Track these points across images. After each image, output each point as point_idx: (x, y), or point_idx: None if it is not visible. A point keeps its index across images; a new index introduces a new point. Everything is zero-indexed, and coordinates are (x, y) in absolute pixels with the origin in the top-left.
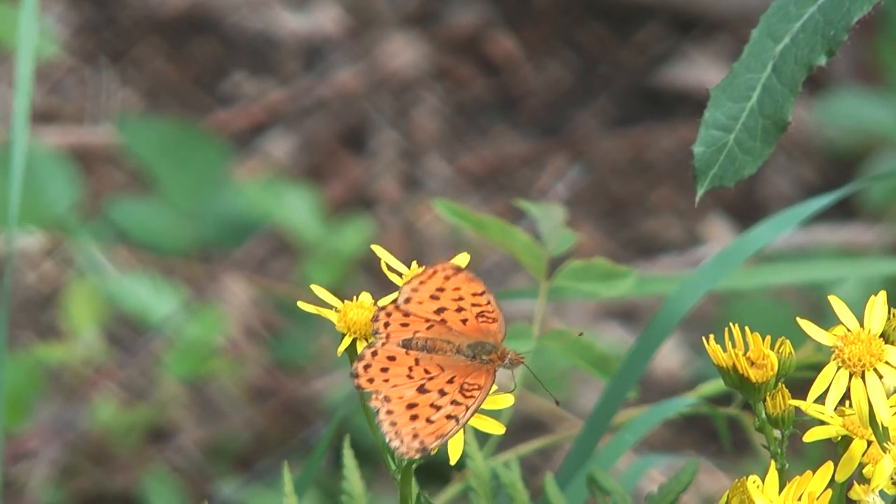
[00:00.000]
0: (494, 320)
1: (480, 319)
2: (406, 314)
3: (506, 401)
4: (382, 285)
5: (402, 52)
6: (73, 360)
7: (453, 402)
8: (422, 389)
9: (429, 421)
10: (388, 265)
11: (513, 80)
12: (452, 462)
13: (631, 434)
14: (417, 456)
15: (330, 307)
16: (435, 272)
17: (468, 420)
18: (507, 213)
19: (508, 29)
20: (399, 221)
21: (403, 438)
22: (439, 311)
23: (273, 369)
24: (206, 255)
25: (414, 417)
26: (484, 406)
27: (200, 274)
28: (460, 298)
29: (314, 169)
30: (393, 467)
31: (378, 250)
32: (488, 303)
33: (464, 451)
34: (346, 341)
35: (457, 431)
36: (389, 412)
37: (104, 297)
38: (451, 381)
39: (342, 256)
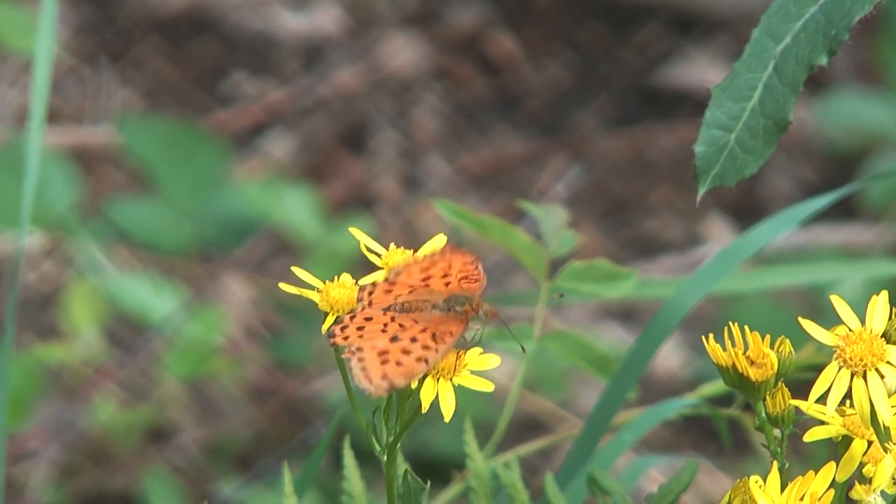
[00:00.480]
0: (476, 280)
1: (463, 282)
2: (392, 284)
3: (492, 361)
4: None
5: (402, 52)
6: (73, 360)
7: (424, 347)
8: (394, 339)
9: (398, 364)
10: (367, 247)
11: (513, 80)
12: (447, 419)
13: (630, 434)
14: (385, 394)
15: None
16: (433, 255)
17: (437, 360)
18: (507, 213)
19: (508, 29)
20: (399, 221)
21: (373, 379)
22: (426, 279)
23: (273, 369)
24: (206, 255)
25: (384, 362)
26: (472, 366)
27: (200, 274)
28: (449, 268)
29: (314, 169)
30: (378, 448)
31: (356, 233)
32: (476, 269)
33: (464, 451)
34: (330, 320)
35: (425, 370)
36: (361, 359)
37: (104, 297)
38: (423, 331)
39: (342, 256)
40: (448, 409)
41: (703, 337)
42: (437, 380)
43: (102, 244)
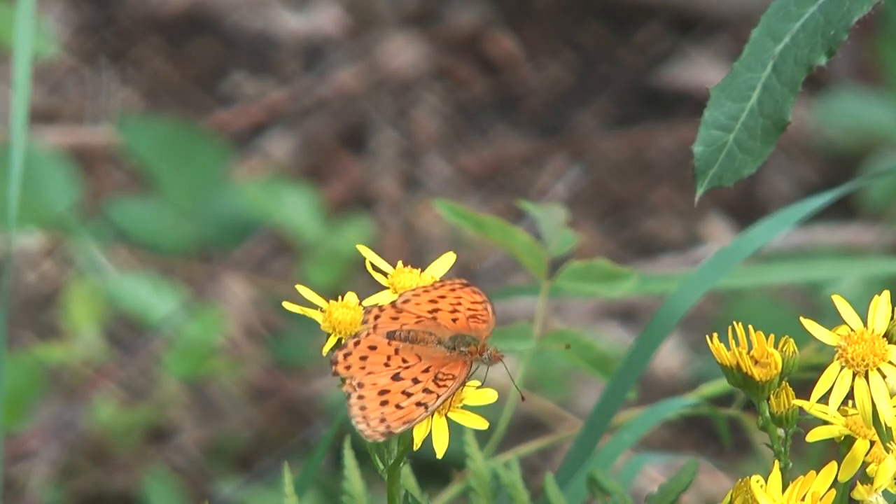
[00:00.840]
0: (485, 321)
1: (471, 320)
2: (399, 311)
3: (489, 396)
4: (382, 285)
5: (402, 52)
6: (73, 360)
7: (425, 391)
8: (396, 377)
9: (398, 407)
10: (372, 265)
11: (513, 80)
12: (439, 456)
13: (630, 434)
14: (381, 439)
15: (315, 307)
16: (443, 286)
17: (437, 408)
18: (507, 213)
19: (508, 29)
20: (399, 221)
21: (370, 423)
22: (433, 311)
23: (273, 369)
24: (206, 255)
25: (384, 403)
26: (469, 402)
27: (200, 274)
28: (458, 303)
29: (314, 169)
30: (381, 466)
31: (363, 250)
32: (485, 309)
33: (464, 452)
34: (332, 341)
35: (424, 418)
36: (361, 397)
37: (104, 297)
38: (426, 371)
39: (342, 256)
40: (441, 447)
41: (707, 336)
42: (431, 415)
43: (102, 244)
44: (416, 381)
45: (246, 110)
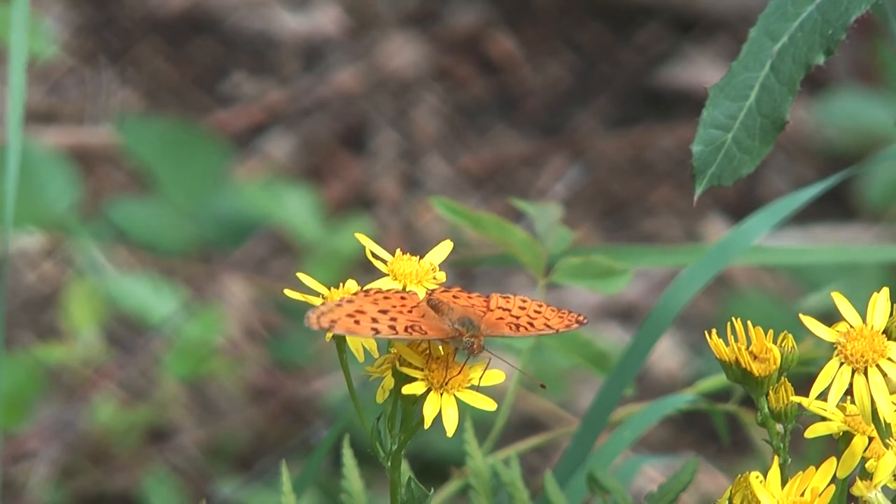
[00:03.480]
0: (519, 330)
1: (510, 325)
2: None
3: (497, 377)
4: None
5: (402, 52)
6: (73, 360)
7: (391, 326)
8: (383, 311)
9: (356, 323)
10: (372, 252)
11: (513, 80)
12: (449, 434)
13: (630, 431)
14: (315, 329)
15: (317, 294)
16: (561, 312)
17: (384, 335)
18: (507, 213)
19: (508, 29)
20: (399, 221)
21: (321, 319)
22: (504, 310)
23: (273, 369)
24: (206, 255)
25: (349, 315)
26: (475, 382)
27: (200, 274)
28: (534, 316)
29: (314, 169)
30: (382, 454)
31: (361, 238)
32: (545, 326)
33: (463, 450)
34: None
35: (371, 337)
36: (338, 306)
37: (104, 297)
38: (410, 318)
39: (342, 256)
40: (451, 424)
41: (706, 332)
42: (441, 394)
43: (102, 244)
44: (392, 318)
45: (246, 110)
